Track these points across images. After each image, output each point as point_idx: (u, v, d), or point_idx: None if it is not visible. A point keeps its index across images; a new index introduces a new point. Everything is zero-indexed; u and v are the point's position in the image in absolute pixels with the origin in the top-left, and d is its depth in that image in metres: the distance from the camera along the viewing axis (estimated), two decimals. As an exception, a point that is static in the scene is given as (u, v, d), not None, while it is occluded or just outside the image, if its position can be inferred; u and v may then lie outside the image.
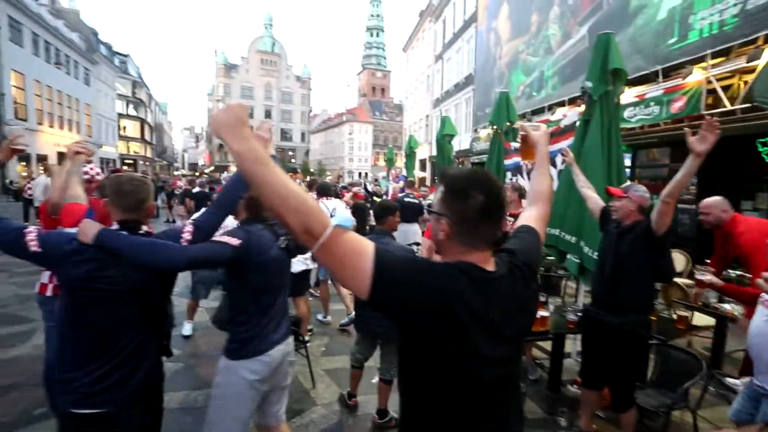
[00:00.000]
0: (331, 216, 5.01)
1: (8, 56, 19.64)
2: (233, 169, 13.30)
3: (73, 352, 1.52)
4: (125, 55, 43.21)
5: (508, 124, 5.91)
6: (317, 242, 0.91)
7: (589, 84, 3.64)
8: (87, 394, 1.47)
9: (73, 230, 1.60)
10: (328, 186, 5.23)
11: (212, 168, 50.61)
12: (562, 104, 10.48)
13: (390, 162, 14.48)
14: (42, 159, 22.46)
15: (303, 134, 60.46)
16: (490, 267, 1.09)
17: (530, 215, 1.46)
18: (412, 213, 6.33)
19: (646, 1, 7.84)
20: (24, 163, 21.45)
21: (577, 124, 3.86)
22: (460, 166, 16.58)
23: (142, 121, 45.16)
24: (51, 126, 24.13)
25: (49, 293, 2.53)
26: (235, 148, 0.94)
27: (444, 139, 8.41)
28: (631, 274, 2.41)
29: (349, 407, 3.14)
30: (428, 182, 23.26)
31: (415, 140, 11.75)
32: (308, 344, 3.66)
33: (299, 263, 4.03)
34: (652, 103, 6.90)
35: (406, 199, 6.49)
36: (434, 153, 16.12)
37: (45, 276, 2.58)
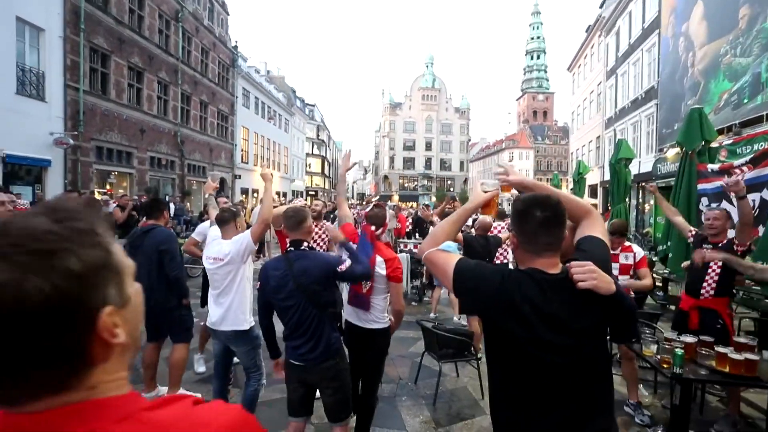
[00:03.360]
0: None
1: (240, 116, 26.08)
2: (396, 198, 14.57)
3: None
4: (313, 105, 52.04)
5: (702, 143, 5.17)
6: (423, 256, 1.49)
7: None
8: (291, 355, 2.29)
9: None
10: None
11: (377, 197, 55.80)
12: (788, 111, 8.41)
13: (554, 188, 13.72)
14: (255, 191, 28.72)
15: (462, 163, 61.56)
16: (556, 270, 1.28)
17: (587, 227, 1.48)
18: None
19: None
20: (244, 196, 27.75)
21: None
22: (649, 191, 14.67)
23: (323, 159, 53.14)
24: (261, 166, 30.68)
25: None
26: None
27: (620, 163, 7.70)
28: None
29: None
30: (600, 210, 20.88)
31: (584, 165, 10.96)
32: (480, 359, 3.90)
33: None
34: None
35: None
36: (607, 178, 14.59)
37: None
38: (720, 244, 3.20)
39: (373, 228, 2.59)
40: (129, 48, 15.13)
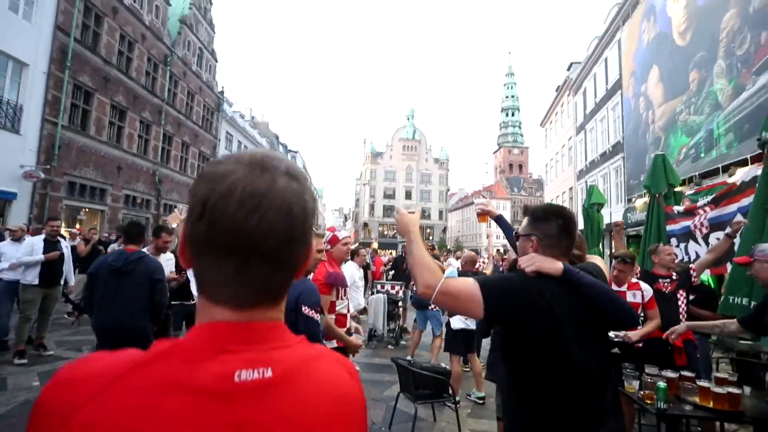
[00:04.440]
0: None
1: (221, 159, 26.17)
2: (375, 245, 14.62)
3: None
4: (295, 152, 52.85)
5: (668, 188, 5.41)
6: (435, 290, 1.32)
7: (767, 135, 3.29)
8: None
9: None
10: (436, 256, 5.86)
11: (357, 244, 55.33)
12: (743, 163, 8.98)
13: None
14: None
15: (441, 212, 62.55)
16: None
17: None
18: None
19: None
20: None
21: (758, 179, 3.42)
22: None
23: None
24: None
25: None
26: (405, 236, 1.52)
27: (592, 208, 7.94)
28: None
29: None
30: (575, 257, 21.19)
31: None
32: (458, 402, 3.70)
33: (459, 321, 4.24)
34: None
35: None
36: (581, 227, 14.99)
37: None
38: (672, 277, 3.44)
39: None
40: (114, 87, 15.25)
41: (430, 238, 56.80)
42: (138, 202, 17.48)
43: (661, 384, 2.49)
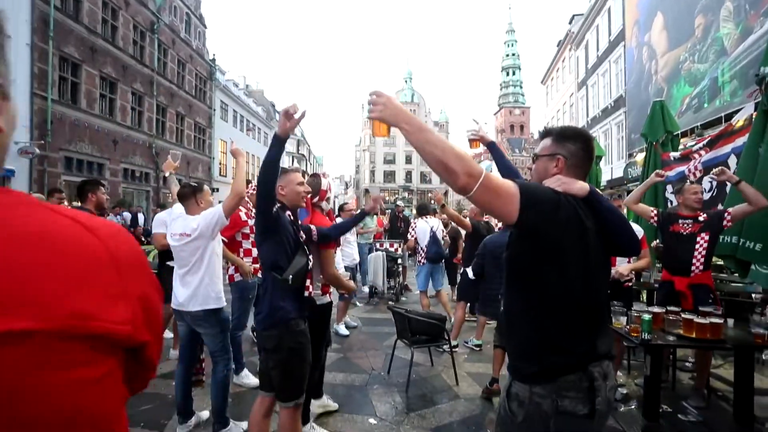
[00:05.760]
0: (433, 233, 5.48)
1: (217, 129, 25.83)
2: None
3: None
4: (293, 120, 52.04)
5: (667, 134, 5.34)
6: (478, 181, 1.14)
7: (767, 70, 3.20)
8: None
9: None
10: (426, 206, 5.94)
11: (359, 211, 55.41)
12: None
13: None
14: (235, 206, 28.28)
15: (440, 176, 62.22)
16: None
17: None
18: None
19: None
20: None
21: (754, 117, 3.36)
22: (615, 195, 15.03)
23: (303, 173, 52.77)
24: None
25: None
26: (403, 126, 1.22)
27: (590, 160, 7.90)
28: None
29: (490, 397, 3.22)
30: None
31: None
32: (456, 347, 3.84)
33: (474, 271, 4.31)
34: None
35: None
36: (581, 181, 14.79)
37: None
38: (698, 219, 3.18)
39: (309, 196, 2.64)
40: (101, 58, 14.85)
41: (432, 202, 56.81)
42: (137, 176, 17.45)
43: (646, 316, 2.57)
